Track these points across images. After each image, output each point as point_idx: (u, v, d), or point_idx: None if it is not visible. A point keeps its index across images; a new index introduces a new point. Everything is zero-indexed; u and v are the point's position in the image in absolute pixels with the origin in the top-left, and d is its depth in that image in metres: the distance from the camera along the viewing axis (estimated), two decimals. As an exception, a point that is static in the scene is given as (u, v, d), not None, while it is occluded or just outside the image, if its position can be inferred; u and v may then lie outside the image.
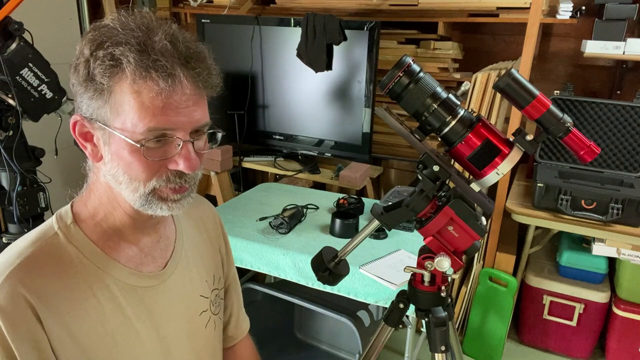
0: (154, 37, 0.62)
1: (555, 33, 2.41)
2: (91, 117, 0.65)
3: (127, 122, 0.63)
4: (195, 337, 0.83)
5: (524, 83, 0.75)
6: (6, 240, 1.62)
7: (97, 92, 0.63)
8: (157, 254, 0.79)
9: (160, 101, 0.62)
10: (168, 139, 0.65)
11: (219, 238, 0.96)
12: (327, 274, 0.92)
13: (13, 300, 0.63)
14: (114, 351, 0.70)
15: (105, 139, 0.66)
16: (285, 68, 2.46)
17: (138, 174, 0.66)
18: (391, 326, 0.96)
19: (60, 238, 0.70)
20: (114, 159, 0.66)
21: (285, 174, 2.51)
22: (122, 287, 0.72)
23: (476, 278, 2.21)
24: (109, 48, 0.61)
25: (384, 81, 0.78)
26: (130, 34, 0.62)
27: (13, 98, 1.50)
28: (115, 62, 0.61)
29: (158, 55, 0.61)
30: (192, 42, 0.66)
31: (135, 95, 0.62)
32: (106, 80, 0.62)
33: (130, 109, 0.62)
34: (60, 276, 0.67)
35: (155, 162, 0.65)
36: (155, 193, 0.68)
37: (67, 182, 2.77)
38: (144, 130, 0.63)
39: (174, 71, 0.61)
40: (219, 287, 0.91)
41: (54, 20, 2.77)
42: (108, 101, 0.63)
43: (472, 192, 0.81)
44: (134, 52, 0.61)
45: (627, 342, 2.10)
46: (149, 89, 0.61)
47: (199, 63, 0.65)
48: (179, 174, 0.68)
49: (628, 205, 1.85)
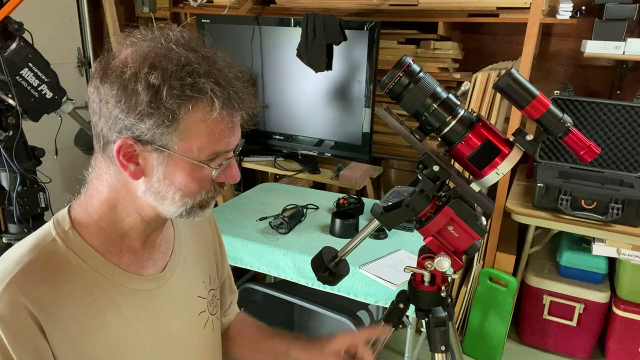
0: (216, 64, 0.66)
1: (555, 33, 2.41)
2: (149, 140, 0.64)
3: (194, 147, 0.65)
4: (195, 337, 0.84)
5: (524, 83, 0.75)
6: (6, 240, 1.62)
7: (166, 119, 0.62)
8: (157, 257, 0.79)
9: (229, 129, 0.67)
10: (220, 156, 0.68)
11: (214, 238, 0.96)
12: (327, 274, 0.92)
13: (13, 310, 0.62)
14: (116, 355, 0.70)
15: (160, 160, 0.66)
16: (285, 68, 2.46)
17: (193, 192, 0.69)
18: (391, 326, 0.96)
19: (59, 244, 0.69)
20: (166, 178, 0.67)
21: (285, 174, 2.51)
22: (123, 292, 0.72)
23: (476, 278, 2.21)
24: (187, 78, 0.62)
25: (384, 81, 0.78)
26: (199, 62, 0.64)
27: (13, 98, 1.50)
28: (198, 93, 0.63)
29: (230, 86, 0.66)
30: (232, 65, 0.70)
31: (211, 123, 0.65)
32: (184, 111, 0.62)
33: (199, 135, 0.65)
34: (60, 283, 0.67)
35: (211, 181, 0.69)
36: (199, 204, 0.71)
37: (67, 182, 2.77)
38: (210, 153, 0.67)
39: (241, 102, 0.67)
40: (215, 287, 0.92)
41: (54, 20, 2.77)
42: (178, 128, 0.63)
43: (472, 192, 0.81)
44: (214, 85, 0.64)
45: (627, 342, 2.10)
46: (227, 120, 0.66)
47: (246, 87, 0.69)
48: (222, 184, 0.73)
49: (628, 205, 1.85)
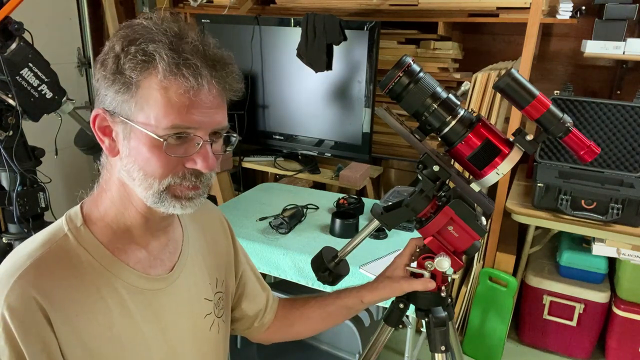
0: (185, 38, 0.65)
1: (555, 33, 2.41)
2: (114, 110, 0.66)
3: (151, 118, 0.64)
4: (200, 339, 0.83)
5: (524, 83, 0.75)
6: (6, 240, 1.62)
7: (124, 86, 0.64)
8: (165, 257, 0.79)
9: (187, 99, 0.64)
10: (189, 137, 0.66)
11: (229, 246, 0.95)
12: (327, 274, 0.92)
13: (24, 302, 0.63)
14: (120, 354, 0.70)
15: (125, 133, 0.67)
16: (285, 68, 2.46)
17: (154, 170, 0.66)
18: (391, 326, 0.96)
19: (70, 240, 0.69)
20: (131, 154, 0.67)
21: (285, 174, 2.51)
22: (130, 290, 0.72)
23: (476, 278, 2.21)
24: (142, 44, 0.63)
25: (384, 81, 0.78)
26: (163, 34, 0.64)
27: (13, 98, 1.50)
28: (147, 57, 0.63)
29: (188, 54, 0.63)
30: (218, 47, 0.68)
31: (163, 91, 0.63)
32: (135, 75, 0.63)
33: (155, 104, 0.64)
34: (69, 279, 0.67)
35: (172, 160, 0.66)
36: (170, 191, 0.68)
37: (67, 182, 2.77)
38: (167, 126, 0.64)
39: (202, 72, 0.64)
40: (222, 290, 0.91)
41: (54, 20, 2.77)
42: (134, 95, 0.64)
43: (472, 192, 0.81)
44: (167, 50, 0.63)
45: (627, 342, 2.10)
46: (177, 85, 0.63)
47: (225, 67, 0.67)
48: (196, 173, 0.69)
49: (628, 205, 1.85)
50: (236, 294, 0.97)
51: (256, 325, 1.00)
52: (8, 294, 0.63)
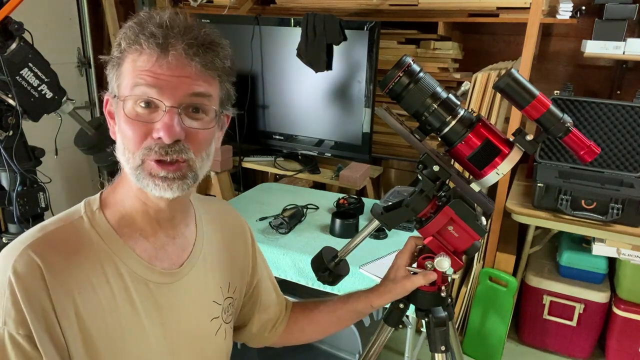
0: (175, 22, 0.67)
1: (555, 33, 2.41)
2: (111, 92, 0.71)
3: (124, 88, 0.67)
4: (204, 342, 0.82)
5: (524, 83, 0.75)
6: (6, 240, 1.62)
7: (113, 68, 0.69)
8: (171, 251, 0.78)
9: (150, 65, 0.65)
10: (153, 102, 0.66)
11: (247, 255, 0.94)
12: (327, 274, 0.92)
13: (29, 268, 0.65)
14: (117, 340, 0.70)
15: (117, 111, 0.70)
16: (285, 68, 2.46)
17: (128, 141, 0.68)
18: (391, 326, 0.95)
19: (85, 222, 0.72)
20: (119, 130, 0.70)
21: (285, 174, 2.51)
22: (135, 279, 0.72)
23: (476, 278, 2.21)
24: (132, 29, 0.67)
25: (384, 81, 0.78)
26: (152, 19, 0.67)
27: (13, 98, 1.50)
28: (134, 38, 0.66)
29: (153, 27, 0.66)
30: (206, 29, 0.69)
31: (132, 63, 0.67)
32: (118, 53, 0.68)
33: (126, 75, 0.67)
34: (75, 256, 0.69)
35: (140, 127, 0.67)
36: (145, 168, 0.68)
37: (67, 182, 2.77)
38: (131, 89, 0.66)
39: (166, 40, 0.65)
40: (235, 296, 0.90)
41: (54, 20, 2.77)
42: (117, 73, 0.69)
43: (472, 192, 0.81)
44: (137, 26, 0.66)
45: (627, 342, 2.10)
46: (138, 53, 0.66)
47: (209, 44, 0.68)
48: (162, 145, 0.66)
49: (628, 205, 1.85)
50: (249, 303, 0.97)
51: (267, 335, 1.00)
52: (17, 258, 0.65)
